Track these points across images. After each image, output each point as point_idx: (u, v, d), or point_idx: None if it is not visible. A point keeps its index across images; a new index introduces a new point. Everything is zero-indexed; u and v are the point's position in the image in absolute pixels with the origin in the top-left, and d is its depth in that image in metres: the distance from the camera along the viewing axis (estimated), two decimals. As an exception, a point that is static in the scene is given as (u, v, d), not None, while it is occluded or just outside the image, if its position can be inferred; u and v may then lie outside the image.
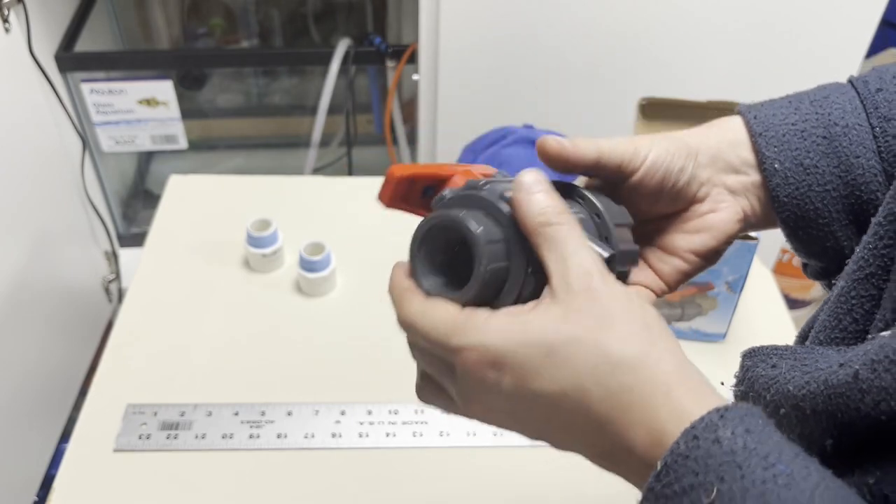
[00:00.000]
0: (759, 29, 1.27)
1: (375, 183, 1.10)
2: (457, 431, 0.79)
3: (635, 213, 0.42)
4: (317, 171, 1.66)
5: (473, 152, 1.05)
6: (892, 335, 0.27)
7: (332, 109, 1.52)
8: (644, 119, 0.92)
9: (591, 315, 0.32)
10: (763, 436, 0.28)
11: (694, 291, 0.86)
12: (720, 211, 0.43)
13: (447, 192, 0.39)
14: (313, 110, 1.56)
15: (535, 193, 0.34)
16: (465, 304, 0.35)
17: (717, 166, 0.43)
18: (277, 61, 1.75)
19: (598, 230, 0.39)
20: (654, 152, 0.41)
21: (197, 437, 0.77)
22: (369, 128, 1.82)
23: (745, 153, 0.43)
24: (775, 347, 0.36)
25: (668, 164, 0.41)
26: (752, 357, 0.36)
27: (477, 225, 0.34)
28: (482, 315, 0.33)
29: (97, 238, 1.57)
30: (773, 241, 1.20)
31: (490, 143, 1.03)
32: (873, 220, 0.35)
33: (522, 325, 0.32)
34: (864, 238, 0.35)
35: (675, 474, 0.28)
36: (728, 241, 0.44)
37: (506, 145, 1.00)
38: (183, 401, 0.80)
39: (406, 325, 0.36)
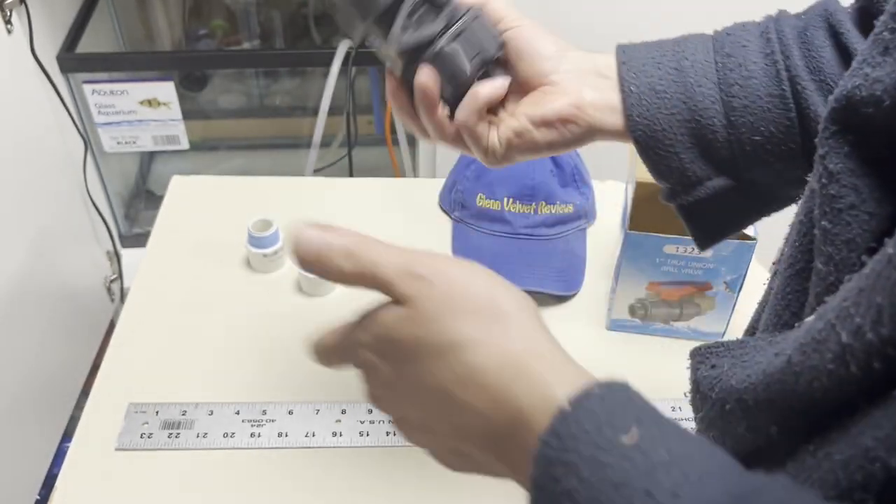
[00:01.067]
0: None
1: (376, 183, 1.11)
2: None
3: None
4: (318, 171, 1.67)
5: (473, 153, 1.05)
6: (815, 317, 0.28)
7: (333, 110, 1.52)
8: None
9: (440, 306, 0.36)
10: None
11: (692, 291, 0.87)
12: (560, 100, 0.51)
13: None
14: (314, 111, 1.56)
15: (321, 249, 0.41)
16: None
17: (600, 78, 0.52)
18: (278, 62, 1.76)
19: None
20: (528, 26, 0.55)
21: (198, 435, 0.77)
22: (370, 129, 1.82)
23: (613, 76, 0.51)
24: (716, 345, 0.37)
25: (530, 36, 0.55)
26: (695, 357, 0.37)
27: None
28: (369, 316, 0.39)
29: (99, 238, 1.58)
30: (772, 241, 1.20)
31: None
32: (794, 218, 0.37)
33: (382, 317, 0.39)
34: (792, 237, 0.37)
35: (585, 415, 0.29)
36: (557, 120, 0.51)
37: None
38: (184, 400, 0.81)
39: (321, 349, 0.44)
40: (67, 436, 1.40)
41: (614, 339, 0.92)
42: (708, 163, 0.50)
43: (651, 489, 0.25)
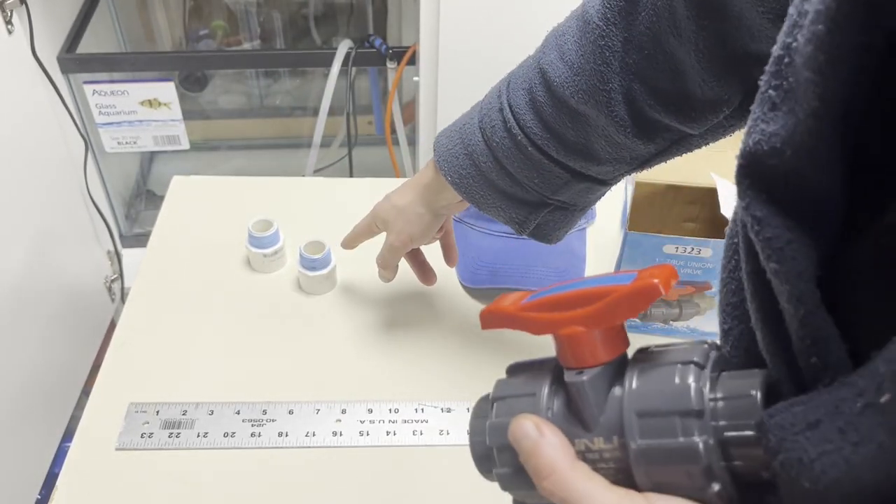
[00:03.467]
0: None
1: (376, 184, 1.11)
2: (456, 430, 0.80)
3: None
4: (318, 171, 1.67)
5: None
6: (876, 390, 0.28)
7: (333, 111, 1.52)
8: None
9: None
10: None
11: (692, 291, 0.87)
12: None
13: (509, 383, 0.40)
14: (314, 111, 1.57)
15: (522, 450, 0.37)
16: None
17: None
18: (279, 63, 1.76)
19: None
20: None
21: (199, 435, 0.78)
22: (370, 129, 1.82)
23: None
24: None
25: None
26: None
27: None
28: None
29: (100, 238, 1.58)
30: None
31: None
32: (723, 271, 0.40)
33: None
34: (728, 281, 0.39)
35: None
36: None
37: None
38: (185, 399, 0.81)
39: None
40: (68, 435, 1.40)
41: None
42: (517, 208, 0.69)
43: None
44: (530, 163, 0.65)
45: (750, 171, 0.34)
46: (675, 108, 0.59)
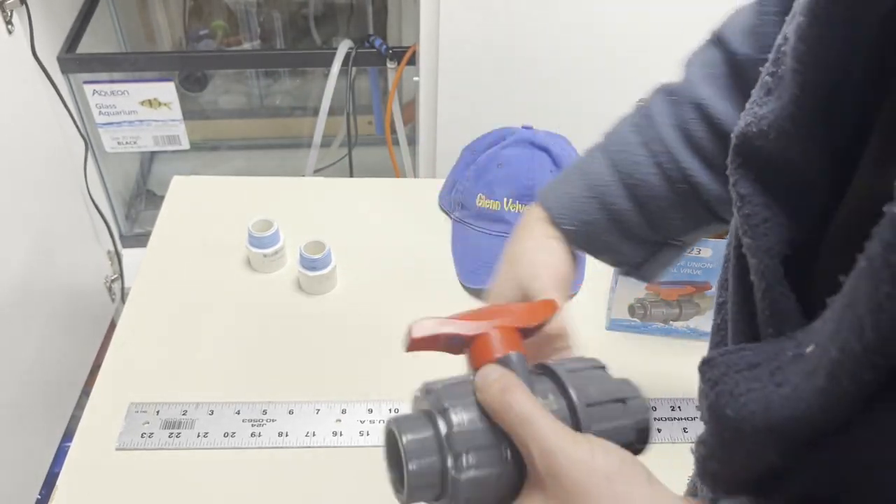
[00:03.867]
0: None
1: (376, 184, 1.10)
2: (456, 430, 0.80)
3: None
4: (318, 171, 1.67)
5: (473, 152, 1.05)
6: (813, 346, 0.31)
7: (333, 111, 1.52)
8: (642, 120, 0.92)
9: (561, 496, 0.36)
10: None
11: (692, 291, 0.87)
12: (553, 321, 0.53)
13: (436, 384, 0.44)
14: (314, 111, 1.56)
15: (488, 387, 0.40)
16: (406, 492, 0.40)
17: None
18: (279, 63, 1.76)
19: (572, 419, 0.41)
20: (564, 299, 0.54)
21: (199, 435, 0.78)
22: (370, 129, 1.82)
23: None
24: (721, 363, 0.38)
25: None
26: (705, 374, 0.38)
27: (410, 438, 0.40)
28: None
29: (100, 238, 1.58)
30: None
31: (490, 144, 1.03)
32: (727, 248, 0.42)
33: None
34: (730, 257, 0.41)
35: None
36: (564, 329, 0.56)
37: (505, 146, 1.01)
38: (185, 399, 0.81)
39: None
40: (68, 435, 1.40)
41: (614, 338, 0.92)
42: (638, 249, 0.62)
43: None
44: (677, 201, 0.59)
45: (741, 151, 0.37)
46: None
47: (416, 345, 0.47)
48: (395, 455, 0.41)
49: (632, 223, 0.60)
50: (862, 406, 0.28)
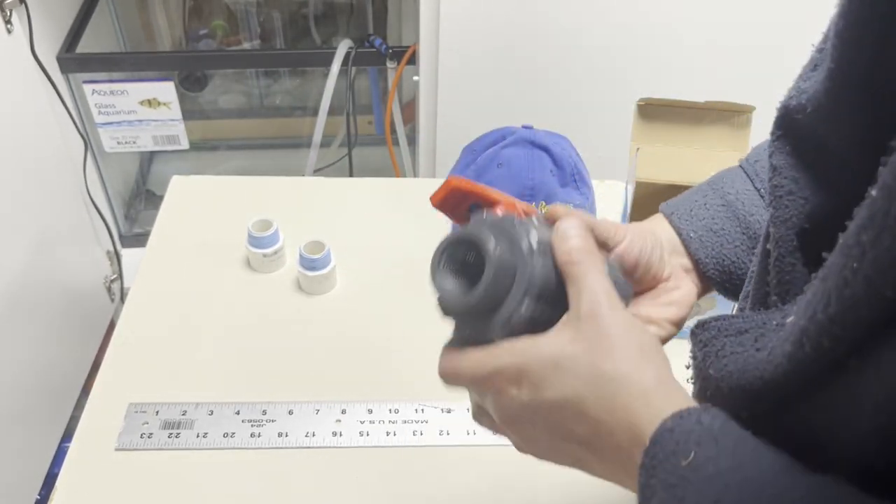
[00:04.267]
0: (757, 30, 1.28)
1: (376, 183, 1.11)
2: (456, 430, 0.79)
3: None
4: (318, 171, 1.67)
5: (473, 152, 1.05)
6: (794, 316, 0.32)
7: (333, 110, 1.52)
8: (642, 120, 0.92)
9: (592, 338, 0.38)
10: (734, 425, 0.34)
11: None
12: (682, 287, 0.52)
13: (487, 214, 0.44)
14: (314, 111, 1.56)
15: (569, 238, 0.41)
16: (471, 305, 0.40)
17: (673, 251, 0.52)
18: (278, 62, 1.76)
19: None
20: (631, 233, 0.49)
21: (198, 435, 0.77)
22: (370, 129, 1.82)
23: (677, 237, 0.53)
24: (712, 328, 0.40)
25: (641, 244, 0.49)
26: (696, 338, 0.41)
27: (496, 244, 0.39)
28: (507, 344, 0.40)
29: (99, 238, 1.58)
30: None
31: (490, 143, 1.03)
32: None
33: (536, 345, 0.39)
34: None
35: (659, 448, 0.34)
36: (690, 310, 0.53)
37: (505, 146, 1.00)
38: (184, 400, 0.81)
39: (455, 377, 0.43)
40: (67, 436, 1.40)
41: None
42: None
43: (699, 500, 0.31)
44: None
45: (781, 124, 0.38)
46: None
47: (446, 197, 0.47)
48: (451, 266, 0.42)
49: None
50: (824, 375, 0.30)
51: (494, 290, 0.39)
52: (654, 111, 0.91)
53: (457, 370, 0.42)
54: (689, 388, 0.40)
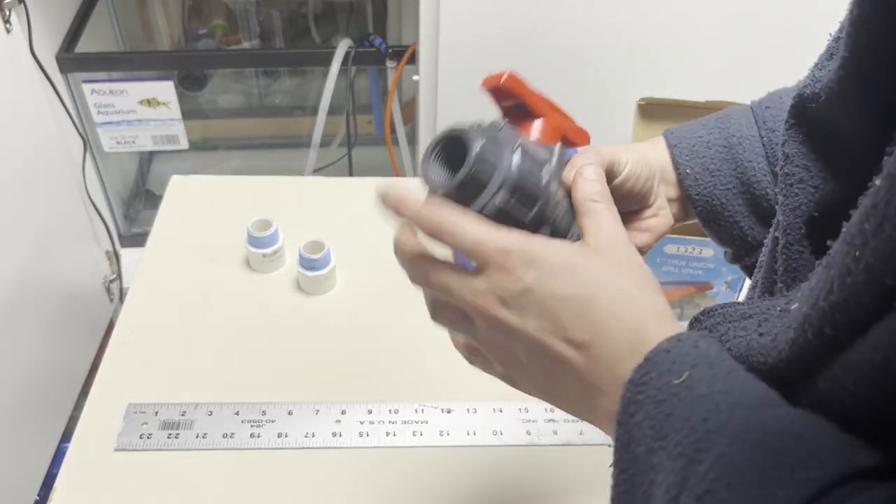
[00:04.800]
0: (757, 29, 1.28)
1: (376, 183, 1.11)
2: (456, 431, 0.79)
3: None
4: (317, 171, 1.67)
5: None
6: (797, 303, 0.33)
7: (333, 110, 1.52)
8: (643, 119, 0.92)
9: (612, 260, 0.38)
10: (728, 355, 0.35)
11: (693, 291, 0.87)
12: (660, 216, 0.53)
13: (501, 124, 0.44)
14: (314, 111, 1.56)
15: (590, 181, 0.42)
16: (449, 191, 0.40)
17: (664, 180, 0.53)
18: (278, 62, 1.76)
19: None
20: (632, 161, 0.50)
21: (198, 436, 0.77)
22: (369, 128, 1.82)
23: (671, 166, 0.54)
24: (711, 315, 0.40)
25: (638, 173, 0.50)
26: (693, 327, 0.41)
27: (482, 142, 0.40)
28: (533, 237, 0.39)
29: (98, 238, 1.58)
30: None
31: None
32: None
33: (553, 243, 0.38)
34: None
35: (653, 365, 0.34)
36: (659, 239, 0.54)
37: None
38: (184, 400, 0.80)
39: (450, 234, 0.39)
40: (66, 436, 1.40)
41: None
42: (765, 225, 0.53)
43: (689, 416, 0.32)
44: None
45: (795, 112, 0.38)
46: None
47: (498, 87, 0.48)
48: (444, 156, 0.43)
49: (763, 190, 0.52)
50: (824, 359, 0.30)
51: (472, 179, 0.40)
52: (654, 111, 0.91)
53: (455, 228, 0.39)
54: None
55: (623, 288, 0.37)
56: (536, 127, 0.48)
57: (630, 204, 0.52)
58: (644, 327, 0.36)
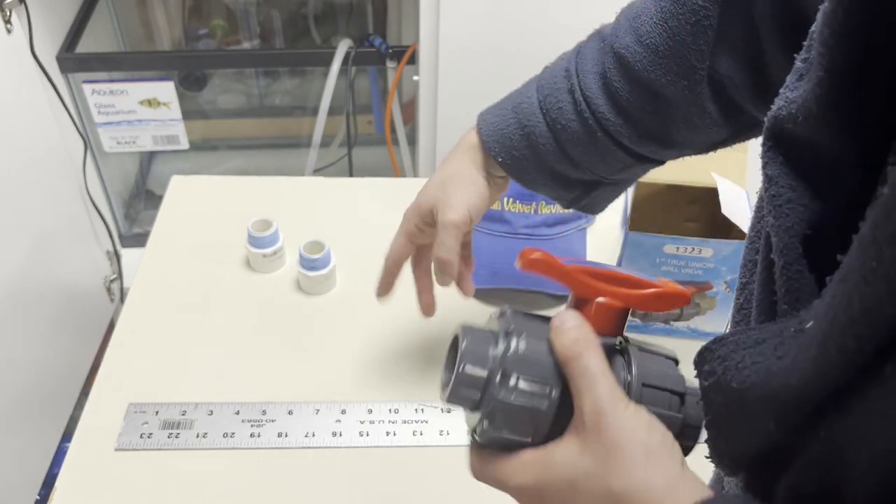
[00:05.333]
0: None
1: (376, 183, 1.11)
2: (456, 431, 0.79)
3: None
4: (318, 171, 1.67)
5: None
6: (813, 322, 0.33)
7: (333, 110, 1.52)
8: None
9: (599, 451, 0.39)
10: None
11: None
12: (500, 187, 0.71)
13: (514, 309, 0.44)
14: (314, 111, 1.56)
15: (566, 331, 0.41)
16: (444, 400, 0.43)
17: (490, 170, 0.69)
18: (278, 62, 1.76)
19: (628, 391, 0.42)
20: (474, 207, 0.67)
21: (198, 436, 0.77)
22: (370, 128, 1.82)
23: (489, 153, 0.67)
24: (718, 346, 0.40)
25: (482, 205, 0.69)
26: (700, 364, 0.41)
27: (466, 360, 0.41)
28: (524, 458, 0.41)
29: (99, 238, 1.58)
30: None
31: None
32: (750, 229, 0.44)
33: (551, 461, 0.40)
34: (752, 240, 0.44)
35: None
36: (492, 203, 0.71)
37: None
38: (184, 400, 0.81)
39: (484, 480, 0.45)
40: (67, 435, 1.40)
41: (614, 338, 0.92)
42: (570, 188, 0.68)
43: None
44: (596, 148, 0.63)
45: (772, 135, 0.39)
46: (755, 90, 0.58)
47: (533, 264, 0.44)
48: (453, 358, 0.43)
49: (557, 164, 0.65)
50: (851, 378, 0.30)
51: (457, 397, 0.42)
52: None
53: (483, 476, 0.45)
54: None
55: (619, 492, 0.38)
56: (594, 312, 0.43)
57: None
58: None
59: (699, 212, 0.94)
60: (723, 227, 0.86)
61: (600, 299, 0.43)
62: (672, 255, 0.83)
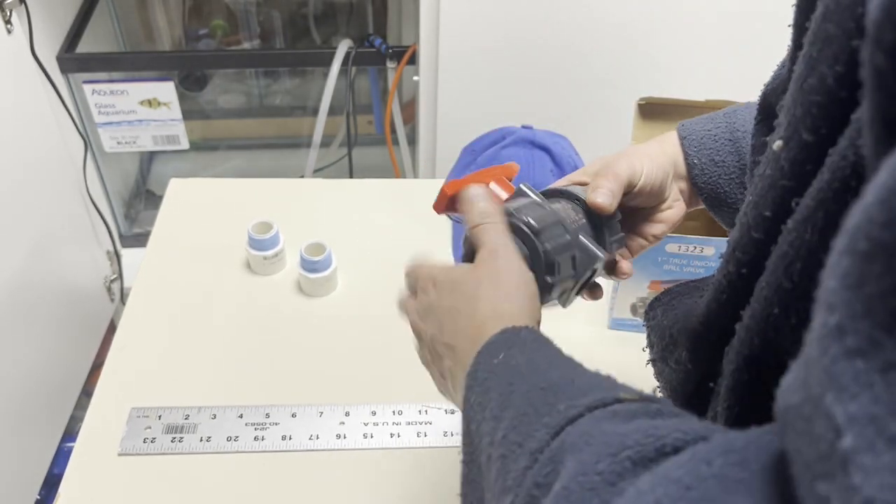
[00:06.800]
0: (757, 29, 1.28)
1: (376, 184, 1.11)
2: (460, 431, 0.79)
3: (625, 209, 0.57)
4: (318, 171, 1.67)
5: (473, 153, 1.05)
6: None
7: (333, 110, 1.52)
8: (642, 119, 0.92)
9: (482, 275, 0.47)
10: (545, 339, 0.43)
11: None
12: (674, 208, 0.60)
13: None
14: (314, 111, 1.56)
15: (476, 202, 0.50)
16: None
17: (676, 173, 0.59)
18: (278, 62, 1.75)
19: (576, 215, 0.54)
20: (647, 170, 0.56)
21: (202, 439, 0.77)
22: (370, 128, 1.82)
23: (682, 158, 0.60)
24: (661, 296, 0.50)
25: (653, 179, 0.56)
26: (647, 311, 0.49)
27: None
28: (439, 263, 0.52)
29: (99, 238, 1.58)
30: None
31: (489, 143, 1.03)
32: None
33: (451, 269, 0.49)
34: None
35: (481, 355, 0.42)
36: (673, 227, 0.61)
37: (505, 146, 1.00)
38: (187, 404, 0.81)
39: (409, 273, 0.54)
40: (67, 436, 1.40)
41: (615, 337, 0.92)
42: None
43: (499, 385, 0.40)
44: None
45: (760, 107, 0.42)
46: None
47: (447, 204, 0.55)
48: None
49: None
50: (741, 297, 0.36)
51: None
52: (654, 110, 0.91)
53: (410, 269, 0.54)
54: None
55: (487, 297, 0.45)
56: (495, 188, 0.54)
57: (648, 202, 0.58)
58: (485, 328, 0.43)
59: (700, 210, 0.94)
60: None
61: (492, 184, 0.54)
62: (674, 253, 0.83)
